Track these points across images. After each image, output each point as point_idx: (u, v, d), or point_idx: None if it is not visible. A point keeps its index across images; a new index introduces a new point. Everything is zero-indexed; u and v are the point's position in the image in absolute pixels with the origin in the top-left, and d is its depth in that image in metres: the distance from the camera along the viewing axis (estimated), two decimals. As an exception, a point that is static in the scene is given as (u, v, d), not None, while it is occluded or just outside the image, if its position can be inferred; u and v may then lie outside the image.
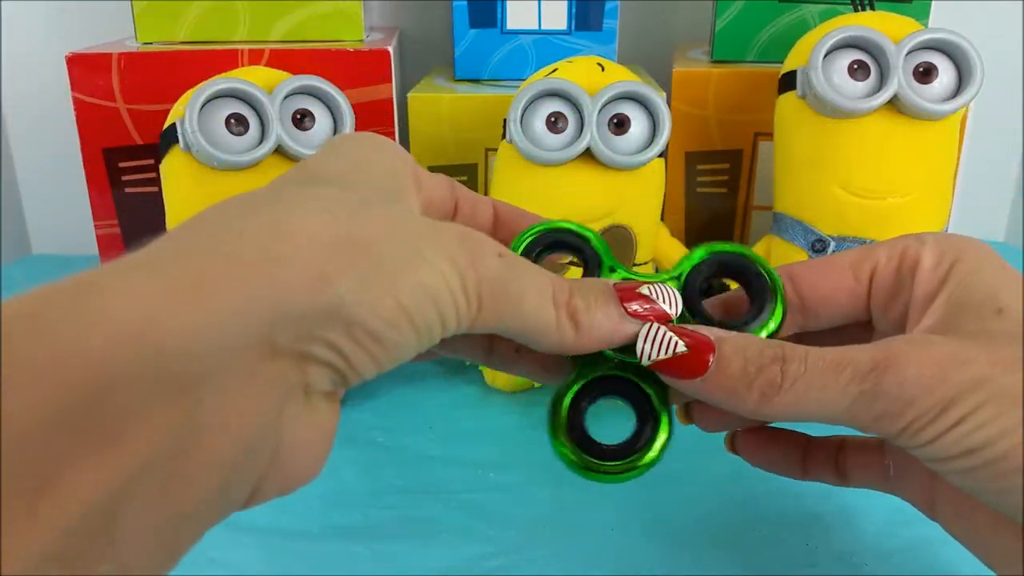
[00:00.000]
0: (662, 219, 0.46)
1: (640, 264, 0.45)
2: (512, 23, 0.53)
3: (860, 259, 0.25)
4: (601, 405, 0.24)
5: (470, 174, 0.52)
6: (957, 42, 0.40)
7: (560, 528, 0.36)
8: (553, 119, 0.43)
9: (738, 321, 0.24)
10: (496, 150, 0.46)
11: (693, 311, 0.24)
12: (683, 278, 0.25)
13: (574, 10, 0.52)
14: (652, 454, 0.23)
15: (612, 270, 0.25)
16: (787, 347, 0.22)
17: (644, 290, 0.23)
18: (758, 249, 0.45)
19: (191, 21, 0.50)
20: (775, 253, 0.44)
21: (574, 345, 0.22)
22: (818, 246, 0.42)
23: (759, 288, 0.25)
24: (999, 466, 0.20)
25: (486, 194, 0.52)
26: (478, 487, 0.38)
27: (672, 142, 0.50)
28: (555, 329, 0.21)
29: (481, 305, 0.20)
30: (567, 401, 0.24)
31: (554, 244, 0.25)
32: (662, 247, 0.46)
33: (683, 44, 0.62)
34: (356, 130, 0.44)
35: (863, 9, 0.46)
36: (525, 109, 0.42)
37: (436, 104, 0.50)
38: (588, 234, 0.25)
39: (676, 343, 0.22)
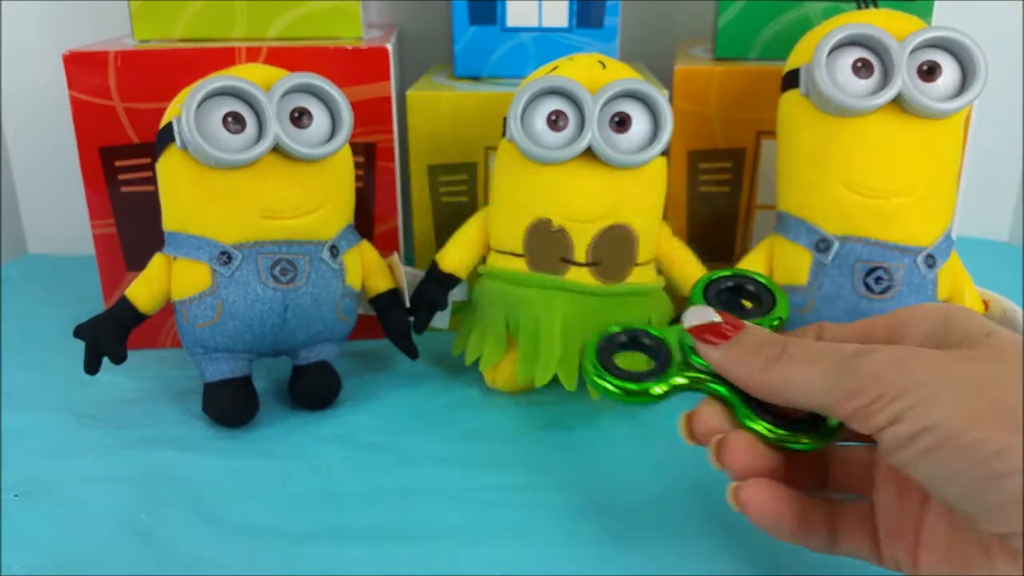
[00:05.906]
0: (664, 218, 0.46)
1: (642, 264, 0.44)
2: (512, 20, 0.52)
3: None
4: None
5: (470, 173, 0.51)
6: (961, 40, 0.40)
7: (561, 530, 0.35)
8: (554, 117, 0.42)
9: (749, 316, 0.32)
10: (496, 148, 0.45)
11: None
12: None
13: (575, 7, 0.52)
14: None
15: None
16: (791, 339, 0.28)
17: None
18: (761, 248, 0.45)
19: (188, 18, 0.50)
20: (778, 253, 0.44)
21: None
22: (822, 246, 0.42)
23: (760, 292, 0.34)
24: (950, 446, 0.22)
25: (486, 193, 0.52)
26: (478, 487, 0.38)
27: (674, 140, 0.50)
28: None
29: None
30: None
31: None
32: (664, 247, 0.46)
33: (685, 41, 0.62)
34: (354, 127, 0.43)
35: (866, 7, 0.46)
36: (525, 107, 0.42)
37: (435, 102, 0.50)
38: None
39: (712, 313, 0.30)
